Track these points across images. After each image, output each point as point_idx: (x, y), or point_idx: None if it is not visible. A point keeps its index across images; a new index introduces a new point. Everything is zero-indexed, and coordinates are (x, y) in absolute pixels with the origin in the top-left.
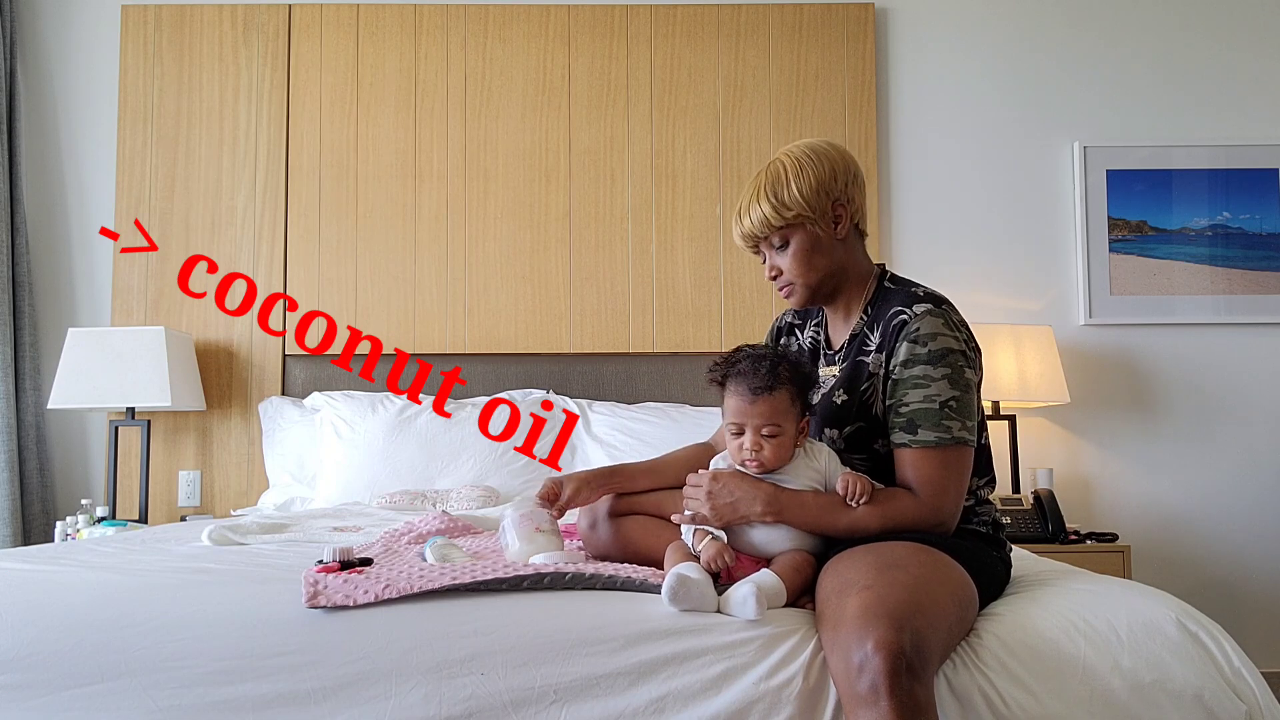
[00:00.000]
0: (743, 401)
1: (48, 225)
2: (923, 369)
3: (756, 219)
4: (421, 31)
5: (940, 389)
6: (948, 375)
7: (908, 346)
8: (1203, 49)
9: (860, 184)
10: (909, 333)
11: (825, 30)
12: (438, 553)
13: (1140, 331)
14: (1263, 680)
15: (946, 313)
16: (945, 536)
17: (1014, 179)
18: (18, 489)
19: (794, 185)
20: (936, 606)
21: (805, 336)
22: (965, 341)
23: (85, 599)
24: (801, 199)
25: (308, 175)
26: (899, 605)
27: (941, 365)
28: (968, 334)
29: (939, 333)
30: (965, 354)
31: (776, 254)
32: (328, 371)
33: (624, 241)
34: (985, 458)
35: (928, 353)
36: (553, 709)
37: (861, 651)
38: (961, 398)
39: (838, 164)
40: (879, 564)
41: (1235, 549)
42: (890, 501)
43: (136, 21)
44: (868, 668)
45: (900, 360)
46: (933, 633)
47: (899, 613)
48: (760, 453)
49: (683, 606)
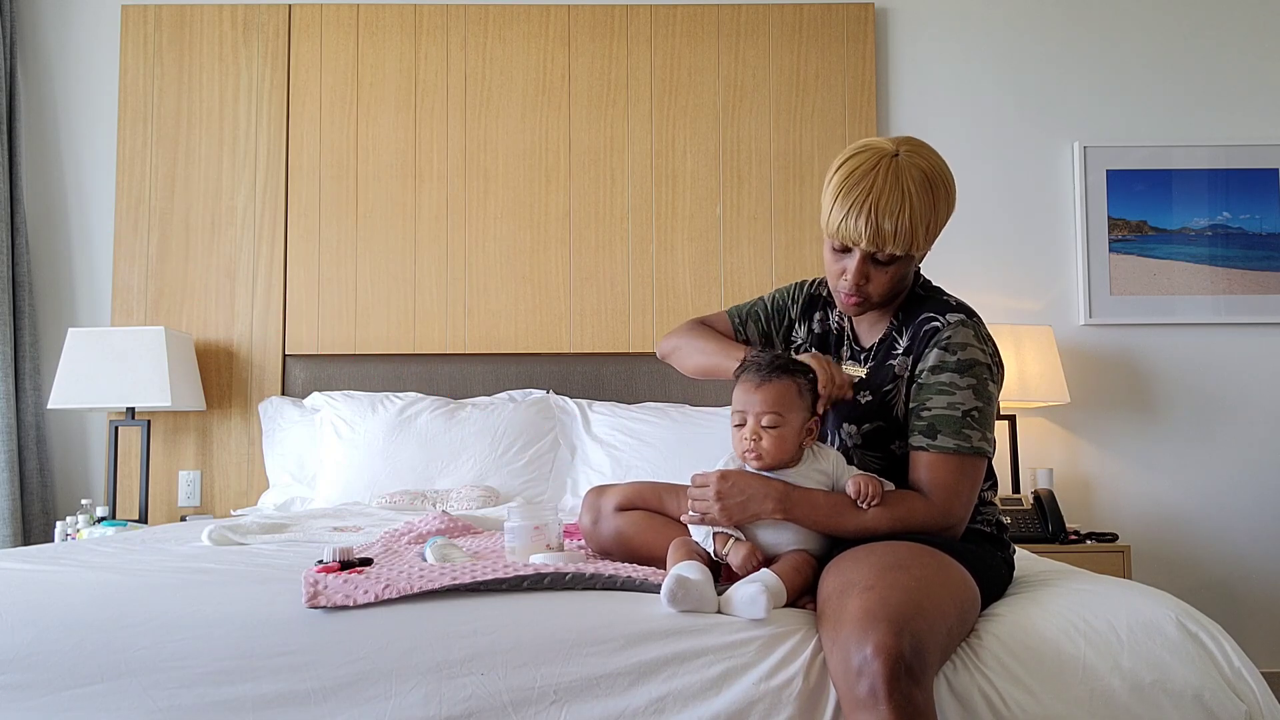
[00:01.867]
0: (747, 388)
1: (48, 225)
2: (950, 376)
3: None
4: (421, 31)
5: (964, 398)
6: (973, 386)
7: (938, 353)
8: (1203, 49)
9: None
10: (940, 340)
11: (825, 30)
12: (438, 553)
13: (1140, 331)
14: (1263, 680)
15: (977, 325)
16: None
17: (1014, 179)
18: (18, 489)
19: (925, 223)
20: (937, 608)
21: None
22: (992, 356)
23: (85, 599)
24: (926, 239)
25: (308, 175)
26: (899, 607)
27: (968, 375)
28: (994, 348)
29: (969, 344)
30: (990, 368)
31: (872, 267)
32: (328, 371)
33: (624, 241)
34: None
35: (956, 361)
36: (553, 709)
37: (861, 654)
38: (984, 409)
39: (953, 199)
40: (881, 564)
41: (1235, 549)
42: (901, 504)
43: (136, 21)
44: (866, 671)
45: (929, 365)
46: (932, 635)
47: (899, 615)
48: (759, 443)
49: (682, 608)
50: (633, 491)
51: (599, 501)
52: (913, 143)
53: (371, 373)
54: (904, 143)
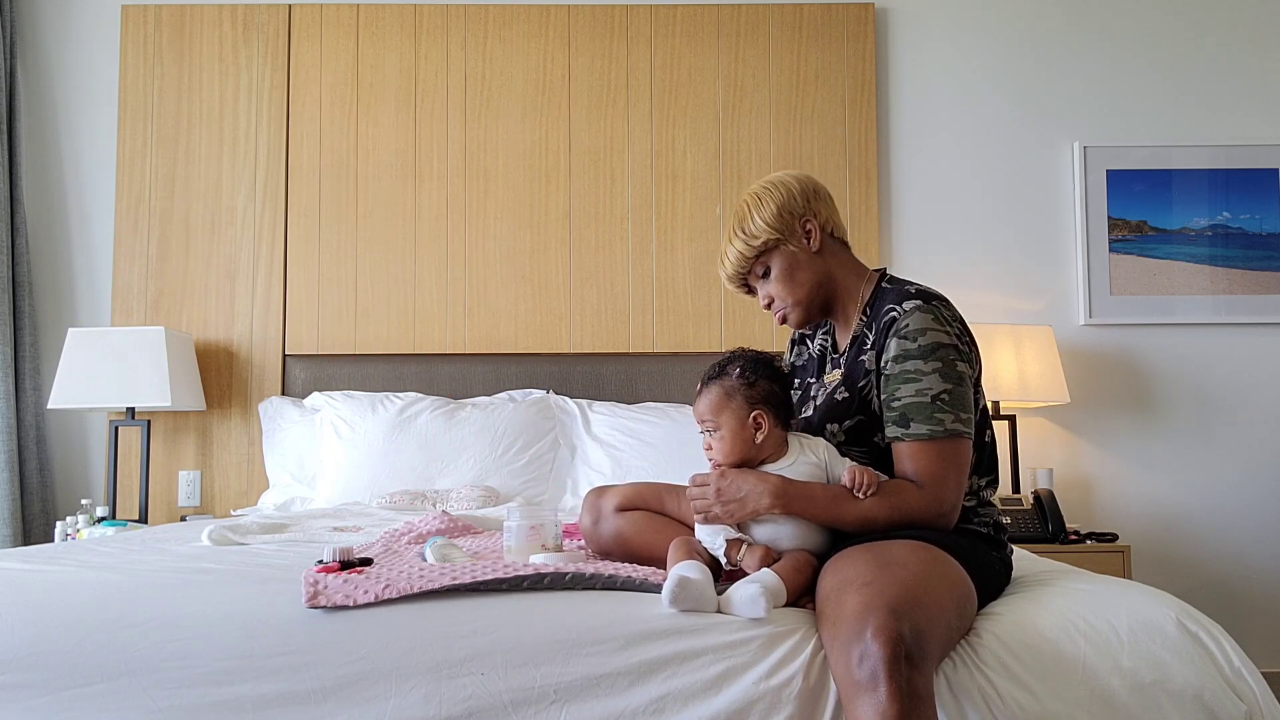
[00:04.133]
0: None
1: (48, 225)
2: (914, 364)
3: (733, 256)
4: (421, 31)
5: (931, 383)
6: (939, 369)
7: (897, 342)
8: (1203, 49)
9: (823, 197)
10: (898, 329)
11: (825, 30)
12: (438, 553)
13: (1140, 331)
14: (1263, 680)
15: (937, 309)
16: (946, 534)
17: (1014, 179)
18: (18, 489)
19: (757, 216)
20: (936, 602)
21: (815, 345)
22: (958, 336)
23: (85, 599)
24: (766, 225)
25: (308, 175)
26: (898, 598)
27: (932, 359)
28: (960, 328)
29: (928, 328)
30: (957, 348)
31: (764, 284)
32: (328, 371)
33: (624, 241)
34: (989, 457)
35: (918, 348)
36: (553, 709)
37: (861, 642)
38: (954, 390)
39: (793, 186)
40: (878, 562)
41: (1235, 549)
42: (896, 494)
43: (136, 21)
44: (868, 655)
45: (891, 356)
46: (931, 626)
47: (898, 605)
48: (711, 450)
49: (682, 608)
50: (633, 492)
51: (599, 502)
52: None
53: (371, 373)
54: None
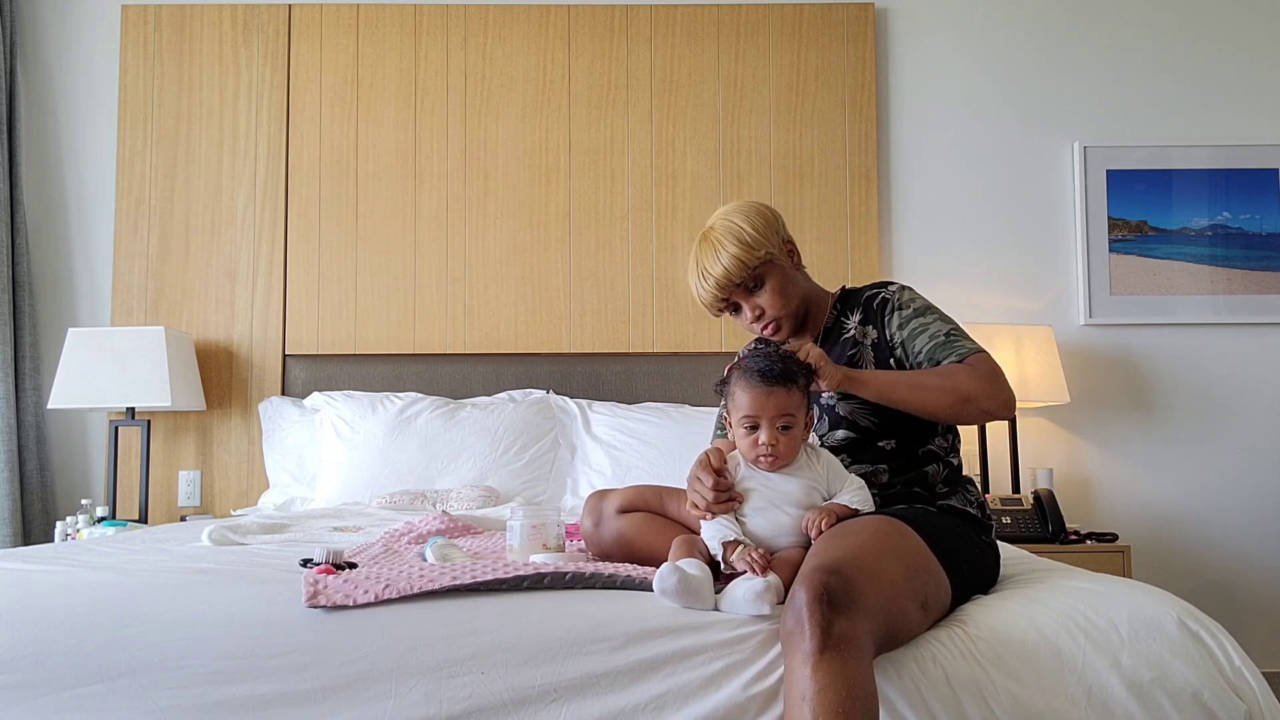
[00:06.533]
0: (758, 394)
1: (48, 225)
2: (918, 321)
3: (729, 264)
4: (421, 31)
5: (938, 327)
6: (937, 316)
7: (898, 314)
8: (1203, 49)
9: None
10: (894, 304)
11: (825, 30)
12: (438, 553)
13: (1140, 331)
14: (1263, 680)
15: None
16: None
17: (1014, 179)
18: (18, 489)
19: (749, 230)
20: (876, 561)
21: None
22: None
23: (85, 599)
24: (763, 237)
25: (308, 175)
26: (834, 558)
27: (929, 313)
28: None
29: (915, 297)
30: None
31: (753, 296)
32: (328, 371)
33: (624, 241)
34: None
35: (913, 310)
36: (553, 708)
37: (793, 598)
38: (956, 326)
39: (766, 213)
40: (833, 534)
41: (1235, 549)
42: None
43: (136, 21)
44: (793, 603)
45: (895, 326)
46: (864, 580)
47: (831, 563)
48: (776, 446)
49: (677, 597)
50: (634, 494)
51: (600, 505)
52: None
53: (371, 373)
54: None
